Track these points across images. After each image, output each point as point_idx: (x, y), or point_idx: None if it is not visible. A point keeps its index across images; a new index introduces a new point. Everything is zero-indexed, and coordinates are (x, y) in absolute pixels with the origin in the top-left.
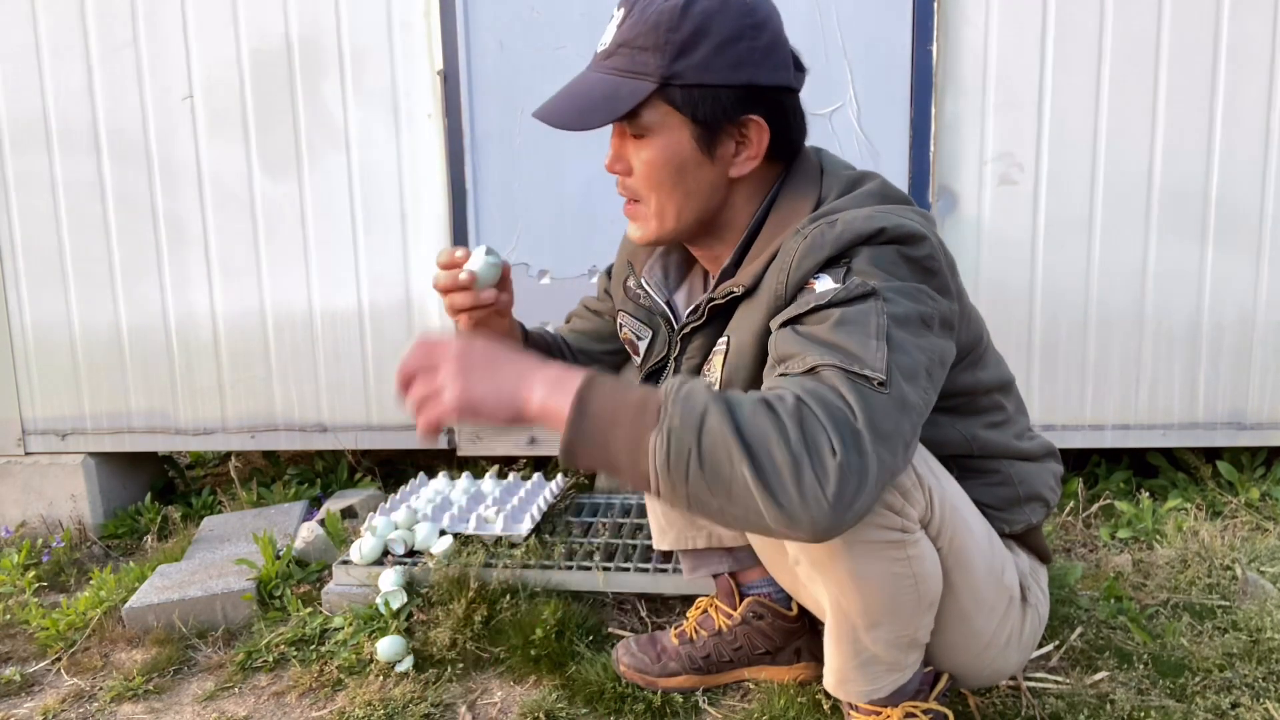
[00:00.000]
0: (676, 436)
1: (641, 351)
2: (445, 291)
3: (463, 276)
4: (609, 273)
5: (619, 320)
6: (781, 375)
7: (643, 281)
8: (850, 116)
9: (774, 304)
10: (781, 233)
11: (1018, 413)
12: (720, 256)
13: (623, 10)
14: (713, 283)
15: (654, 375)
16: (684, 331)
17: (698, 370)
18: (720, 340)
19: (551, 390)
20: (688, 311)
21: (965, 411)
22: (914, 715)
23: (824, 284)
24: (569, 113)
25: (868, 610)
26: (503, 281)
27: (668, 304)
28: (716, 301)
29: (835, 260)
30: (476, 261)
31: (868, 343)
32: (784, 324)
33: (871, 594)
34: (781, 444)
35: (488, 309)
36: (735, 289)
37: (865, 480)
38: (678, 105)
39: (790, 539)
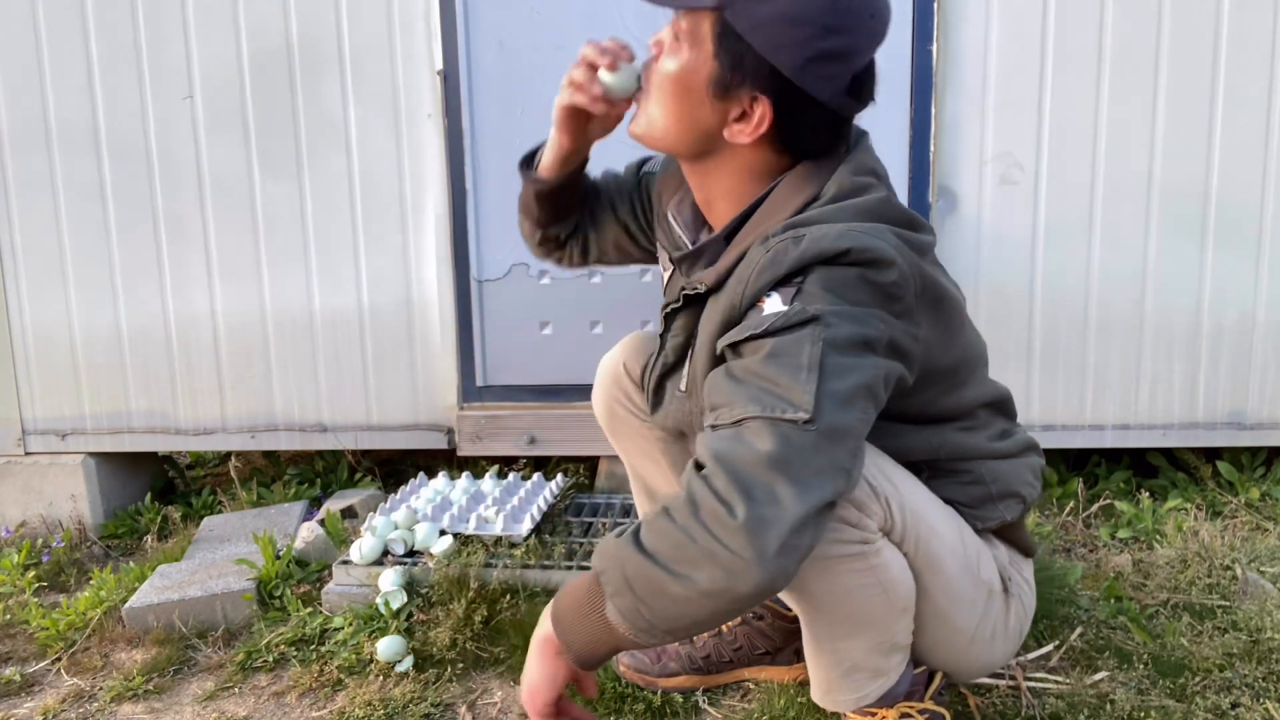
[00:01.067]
0: (619, 600)
1: (665, 283)
2: (576, 81)
3: (596, 87)
4: (643, 179)
5: (658, 239)
6: (712, 426)
7: (669, 215)
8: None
9: (730, 314)
10: (766, 223)
11: (996, 418)
12: (710, 201)
13: None
14: (710, 235)
15: (669, 318)
16: (666, 311)
17: (682, 349)
18: (693, 338)
19: (539, 642)
20: (666, 298)
21: (937, 422)
22: (910, 716)
23: (772, 305)
24: None
25: (841, 623)
26: (621, 106)
27: (692, 243)
28: (687, 292)
29: (790, 278)
30: (618, 77)
31: (797, 375)
32: (723, 351)
33: (841, 607)
34: (686, 542)
35: (583, 110)
36: (699, 286)
37: (782, 524)
38: (716, 36)
39: (758, 601)
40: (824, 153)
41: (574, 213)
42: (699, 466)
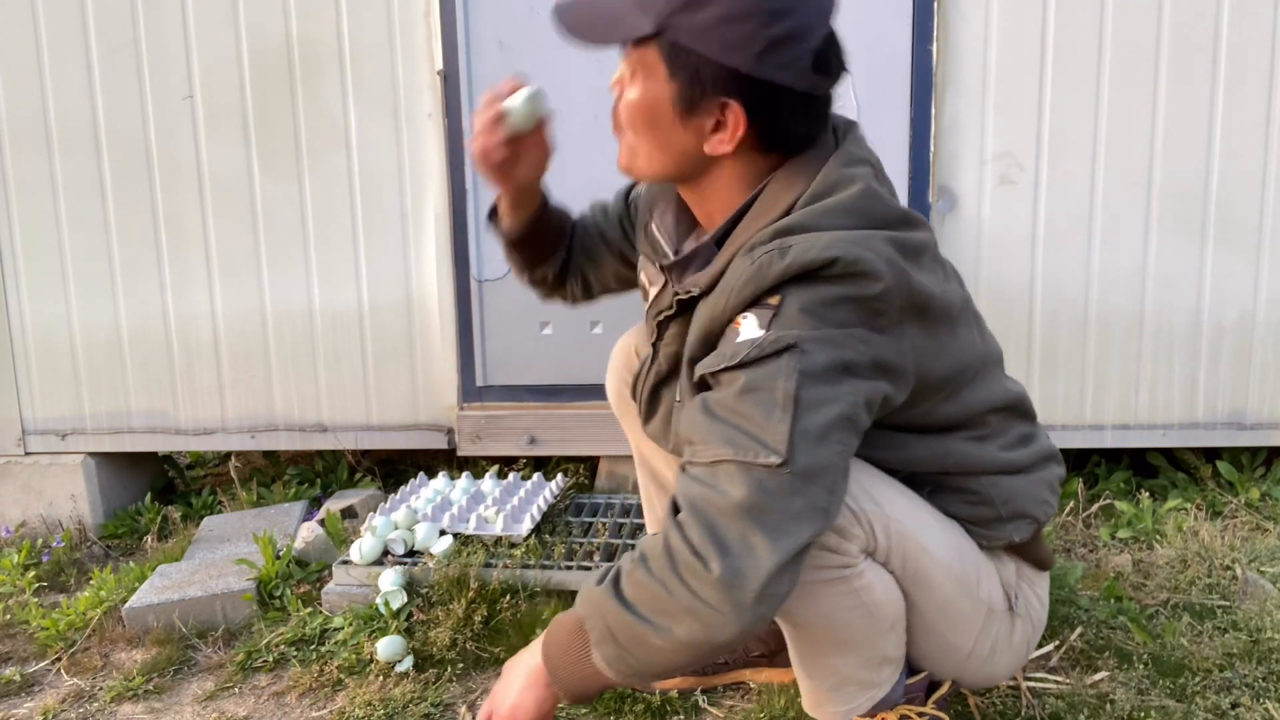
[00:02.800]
0: (604, 648)
1: (650, 298)
2: (479, 129)
3: (499, 131)
4: (631, 203)
5: (640, 267)
6: (688, 464)
7: (652, 226)
8: (850, 117)
9: (712, 324)
10: (757, 224)
11: (1012, 422)
12: (711, 215)
13: None
14: (705, 238)
15: (662, 325)
16: (660, 319)
17: (676, 358)
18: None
19: (529, 672)
20: (654, 303)
21: (942, 431)
22: (909, 719)
23: (748, 328)
24: (578, 21)
25: (826, 642)
26: (537, 136)
27: (675, 252)
28: (681, 297)
29: (771, 294)
30: (516, 99)
31: (771, 412)
32: (700, 377)
33: (826, 629)
34: (664, 595)
35: (503, 152)
36: (693, 289)
37: (758, 575)
38: (665, 59)
39: (739, 644)
40: (809, 143)
41: (555, 252)
42: (675, 509)
